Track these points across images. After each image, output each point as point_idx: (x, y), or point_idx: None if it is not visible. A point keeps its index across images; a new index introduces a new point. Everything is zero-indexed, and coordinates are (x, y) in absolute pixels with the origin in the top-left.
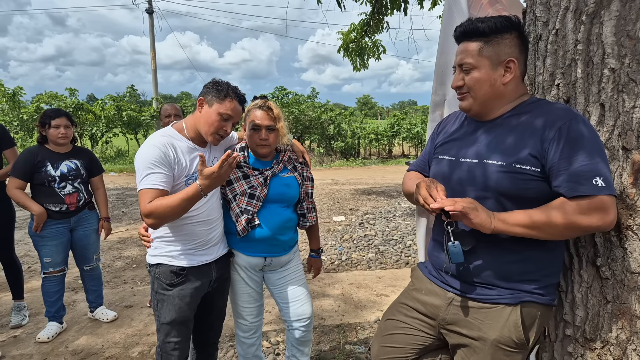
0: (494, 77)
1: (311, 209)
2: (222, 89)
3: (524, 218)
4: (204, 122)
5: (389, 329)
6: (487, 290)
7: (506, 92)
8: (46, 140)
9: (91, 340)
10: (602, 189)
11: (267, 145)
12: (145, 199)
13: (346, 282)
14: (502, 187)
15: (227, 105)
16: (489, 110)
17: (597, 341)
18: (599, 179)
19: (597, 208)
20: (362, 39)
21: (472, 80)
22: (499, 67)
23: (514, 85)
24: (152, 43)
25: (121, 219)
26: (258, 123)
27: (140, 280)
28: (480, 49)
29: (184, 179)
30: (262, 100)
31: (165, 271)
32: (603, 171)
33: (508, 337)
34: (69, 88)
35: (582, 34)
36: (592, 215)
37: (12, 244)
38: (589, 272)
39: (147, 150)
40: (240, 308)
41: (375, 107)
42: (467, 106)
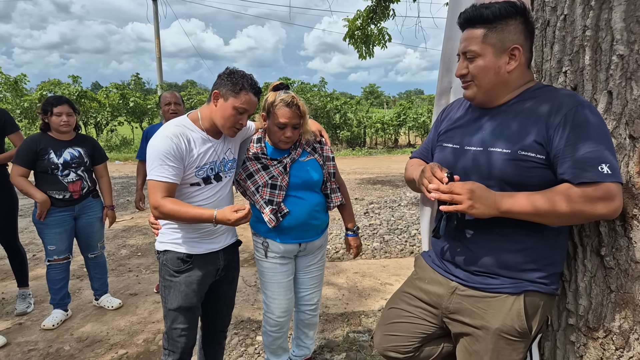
0: (499, 64)
1: (335, 189)
2: (238, 82)
3: (527, 206)
4: (220, 116)
5: (392, 318)
6: (490, 279)
7: (511, 79)
8: (49, 128)
9: (96, 327)
10: (608, 176)
11: (290, 142)
12: (155, 190)
13: (351, 271)
14: (507, 175)
15: (242, 99)
16: (494, 98)
17: (600, 330)
18: (605, 166)
19: (603, 195)
20: (368, 26)
21: (476, 69)
22: (503, 55)
23: (520, 72)
24: (157, 30)
25: (126, 208)
26: (286, 122)
27: (145, 268)
28: (484, 36)
29: (195, 170)
30: (290, 95)
31: (172, 258)
32: (609, 158)
33: (511, 326)
34: (72, 75)
35: (591, 20)
36: (597, 202)
37: (15, 231)
38: (593, 262)
39: (160, 141)
40: (269, 299)
41: (382, 96)
42: (472, 95)
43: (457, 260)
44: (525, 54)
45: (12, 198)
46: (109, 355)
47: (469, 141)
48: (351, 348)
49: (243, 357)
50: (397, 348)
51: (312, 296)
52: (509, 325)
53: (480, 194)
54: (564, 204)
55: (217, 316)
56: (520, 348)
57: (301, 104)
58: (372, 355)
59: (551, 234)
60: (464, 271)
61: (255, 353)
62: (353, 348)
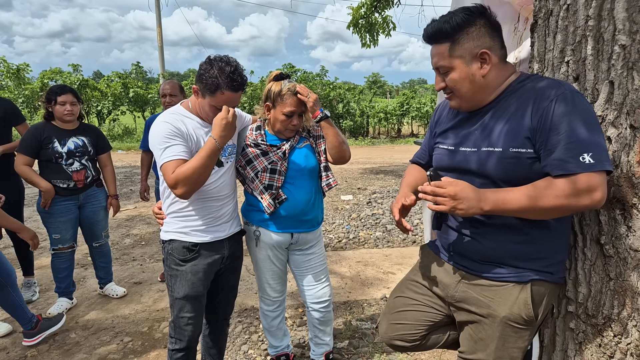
0: (472, 72)
1: (326, 166)
2: (213, 83)
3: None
4: (202, 111)
5: (398, 307)
6: (498, 268)
7: (489, 82)
8: (53, 117)
9: (101, 315)
10: (590, 166)
11: (296, 129)
12: (168, 171)
13: (353, 260)
14: (502, 174)
15: (218, 99)
16: (479, 102)
17: (599, 317)
18: (587, 155)
19: (584, 187)
20: (372, 14)
21: (451, 82)
22: (474, 62)
23: (496, 72)
24: (159, 19)
25: (129, 197)
26: (293, 110)
27: (149, 257)
28: (449, 50)
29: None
30: (294, 84)
31: (178, 247)
32: (592, 147)
33: (518, 315)
34: (73, 64)
35: (594, 10)
36: (579, 194)
37: (21, 220)
38: (593, 250)
39: (160, 126)
40: (264, 284)
41: (385, 85)
42: (457, 105)
43: (463, 250)
44: (496, 52)
45: (18, 187)
46: (114, 342)
47: (463, 142)
48: (354, 336)
49: (247, 344)
50: (404, 337)
51: (322, 292)
52: (515, 313)
53: (464, 194)
54: (546, 199)
55: (221, 304)
56: (525, 335)
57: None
58: (374, 343)
59: (555, 223)
60: (470, 260)
61: (259, 340)
62: (356, 336)
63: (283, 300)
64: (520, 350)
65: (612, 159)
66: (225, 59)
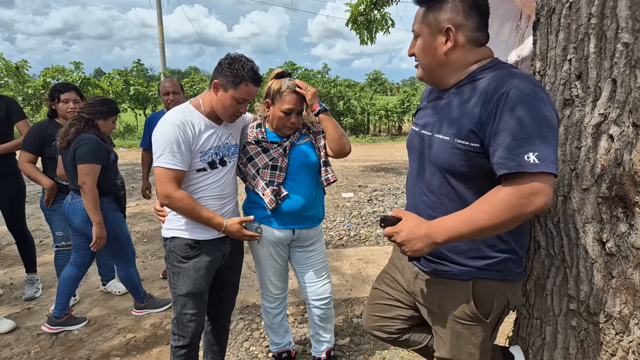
0: (434, 45)
1: (326, 161)
2: (237, 74)
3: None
4: (220, 106)
5: (375, 298)
6: (442, 266)
7: (450, 61)
8: (56, 115)
9: (104, 312)
10: (534, 166)
11: (294, 128)
12: (164, 179)
13: (354, 258)
14: (447, 164)
15: (242, 90)
16: (438, 79)
17: (601, 315)
18: (532, 155)
19: (527, 192)
20: (371, 11)
21: (417, 49)
22: (439, 35)
23: (461, 53)
24: (160, 16)
25: (131, 195)
26: (292, 108)
27: (151, 254)
28: (423, 14)
29: (200, 155)
30: (294, 82)
31: (180, 244)
32: (538, 146)
33: (462, 312)
34: (74, 62)
35: (597, 7)
36: (523, 200)
37: (23, 217)
38: (595, 248)
39: (167, 127)
40: (266, 281)
41: (386, 83)
42: (419, 75)
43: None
44: (466, 33)
45: (19, 184)
46: (117, 339)
47: (425, 124)
48: (355, 333)
49: (249, 341)
50: (381, 328)
51: (323, 289)
52: (460, 310)
53: (412, 236)
54: (491, 215)
55: (222, 301)
56: (478, 332)
57: (301, 84)
58: (375, 340)
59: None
60: (422, 257)
61: (261, 337)
62: (357, 333)
63: (285, 297)
64: (476, 347)
65: (614, 158)
66: (244, 57)
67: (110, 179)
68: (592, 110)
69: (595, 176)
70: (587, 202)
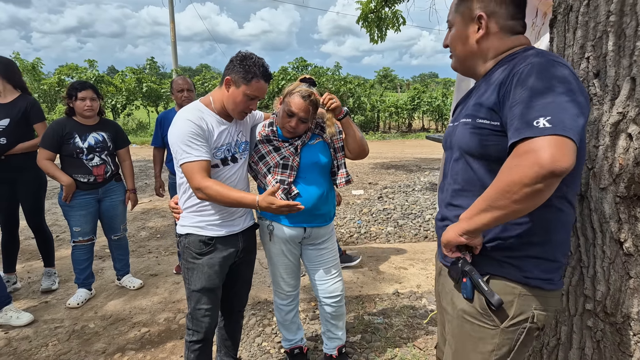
0: (467, 34)
1: (342, 164)
2: (249, 70)
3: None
4: (231, 102)
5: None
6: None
7: (481, 49)
8: (74, 113)
9: (119, 306)
10: (543, 130)
11: (293, 132)
12: (194, 172)
13: (365, 255)
14: (467, 145)
15: (254, 87)
16: (470, 68)
17: (618, 316)
18: (542, 119)
19: (527, 150)
20: (382, 9)
21: (450, 38)
22: (471, 24)
23: (493, 41)
24: (172, 14)
25: (144, 191)
26: (294, 111)
27: (164, 249)
28: (457, 4)
29: (213, 152)
30: (310, 90)
31: (195, 241)
32: (552, 110)
33: (472, 306)
34: (89, 60)
35: (615, 5)
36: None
37: (42, 212)
38: (612, 248)
39: (184, 124)
40: (278, 279)
41: (396, 79)
42: (453, 65)
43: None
44: (499, 21)
45: (40, 180)
46: (131, 333)
47: (455, 117)
48: (366, 330)
49: (261, 336)
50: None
51: (335, 287)
52: (470, 304)
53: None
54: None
55: (235, 296)
56: (487, 338)
57: (318, 102)
58: (387, 338)
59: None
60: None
61: (273, 333)
62: (368, 330)
63: (297, 294)
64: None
65: (633, 157)
66: (255, 54)
67: None
68: (610, 108)
69: (614, 175)
70: (604, 202)
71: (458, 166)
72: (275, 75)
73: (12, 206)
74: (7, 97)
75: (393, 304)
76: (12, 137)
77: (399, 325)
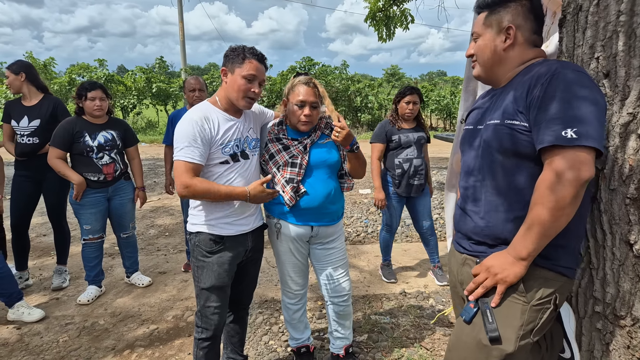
0: (495, 43)
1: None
2: (239, 53)
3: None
4: (232, 90)
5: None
6: (490, 248)
7: (508, 58)
8: (83, 112)
9: (128, 303)
10: (571, 140)
11: (309, 122)
12: (182, 170)
13: (372, 254)
14: (497, 145)
15: (248, 67)
16: (495, 76)
17: (628, 318)
18: (570, 130)
19: (562, 169)
20: (390, 7)
21: (477, 48)
22: (500, 34)
23: (518, 51)
24: (180, 13)
25: (153, 189)
26: (303, 99)
27: (172, 247)
28: (485, 18)
29: (221, 147)
30: (308, 77)
31: (205, 239)
32: (579, 123)
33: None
34: (99, 59)
35: (626, 5)
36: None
37: (64, 210)
38: (622, 250)
39: (187, 124)
40: (286, 277)
41: (403, 78)
42: (476, 73)
43: (462, 229)
44: (524, 33)
45: (65, 180)
46: (140, 330)
47: (477, 121)
48: (373, 330)
49: (267, 335)
50: None
51: (342, 287)
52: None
53: (497, 262)
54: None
55: (241, 294)
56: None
57: (319, 85)
58: (394, 337)
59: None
60: (470, 242)
61: (280, 332)
62: (375, 330)
63: (304, 293)
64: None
65: None
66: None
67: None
68: (620, 109)
69: (624, 176)
70: (614, 203)
71: (485, 164)
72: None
73: (30, 206)
74: (32, 99)
75: (400, 303)
76: (42, 137)
77: (406, 325)
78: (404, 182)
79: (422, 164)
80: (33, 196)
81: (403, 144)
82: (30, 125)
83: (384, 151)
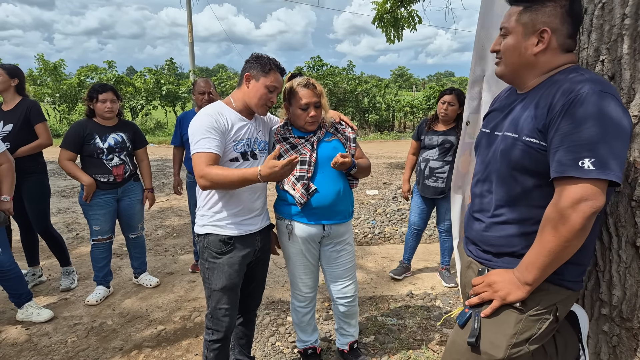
0: (525, 45)
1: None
2: (266, 64)
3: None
4: (253, 96)
5: None
6: (495, 257)
7: (537, 63)
8: (94, 114)
9: (136, 304)
10: (587, 172)
11: (316, 121)
12: (200, 161)
13: (379, 256)
14: (514, 161)
15: (272, 78)
16: (520, 79)
17: (634, 321)
18: (587, 161)
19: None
20: (398, 9)
21: (504, 46)
22: (531, 36)
23: (549, 56)
24: (189, 15)
25: (161, 190)
26: (307, 102)
27: (180, 248)
28: (519, 13)
29: (233, 144)
30: (304, 78)
31: (214, 240)
32: (597, 152)
33: None
34: (107, 61)
35: (631, 8)
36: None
37: (47, 217)
38: (628, 252)
39: (201, 118)
40: (297, 279)
41: (411, 78)
42: (499, 72)
43: (470, 235)
44: (559, 38)
45: (44, 185)
46: (148, 330)
47: (498, 126)
48: (380, 331)
49: (274, 336)
50: None
51: (349, 289)
52: None
53: (501, 280)
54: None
55: (250, 295)
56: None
57: (317, 84)
58: (400, 339)
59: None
60: (476, 247)
61: (287, 333)
62: (381, 331)
63: (314, 296)
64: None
65: None
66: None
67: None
68: None
69: (629, 179)
70: (620, 205)
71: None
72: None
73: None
74: (9, 103)
75: (407, 305)
76: (15, 142)
77: (413, 326)
78: (421, 181)
79: (441, 167)
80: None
81: (427, 145)
82: (4, 130)
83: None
